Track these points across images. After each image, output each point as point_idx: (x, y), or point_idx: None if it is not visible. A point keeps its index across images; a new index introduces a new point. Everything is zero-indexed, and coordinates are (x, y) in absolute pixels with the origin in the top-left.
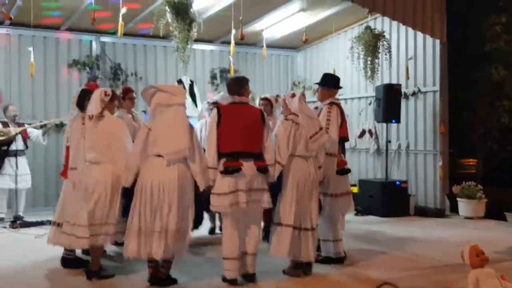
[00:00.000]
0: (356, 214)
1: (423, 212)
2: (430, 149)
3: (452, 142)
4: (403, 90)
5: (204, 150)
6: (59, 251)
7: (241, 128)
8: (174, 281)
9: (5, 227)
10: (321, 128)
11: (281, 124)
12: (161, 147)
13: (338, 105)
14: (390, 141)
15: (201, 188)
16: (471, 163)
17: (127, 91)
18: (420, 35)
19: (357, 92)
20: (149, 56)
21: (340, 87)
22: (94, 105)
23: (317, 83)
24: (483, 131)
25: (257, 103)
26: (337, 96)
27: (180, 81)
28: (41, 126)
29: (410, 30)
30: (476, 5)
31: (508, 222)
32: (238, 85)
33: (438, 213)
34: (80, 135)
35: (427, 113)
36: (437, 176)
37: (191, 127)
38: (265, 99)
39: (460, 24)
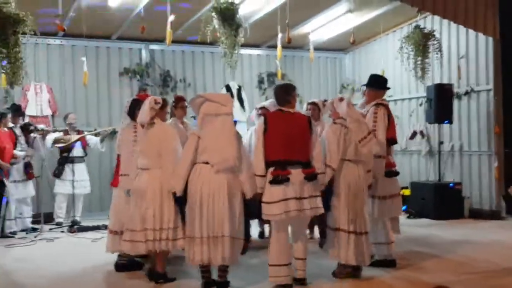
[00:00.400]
0: (408, 217)
1: (478, 214)
2: (484, 149)
3: (507, 142)
4: (455, 89)
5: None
6: (116, 255)
7: (288, 136)
8: (227, 285)
9: (63, 232)
10: (369, 133)
11: (330, 128)
12: (210, 156)
13: (385, 106)
14: (442, 142)
15: (248, 196)
16: None
17: (179, 100)
18: (471, 32)
19: (408, 93)
20: (197, 62)
21: (388, 88)
22: (145, 113)
23: (364, 85)
24: None
25: (304, 107)
26: (386, 97)
27: (228, 87)
28: (96, 135)
29: (461, 28)
30: None
31: None
32: (285, 93)
33: (493, 215)
34: (132, 143)
35: (480, 112)
36: (492, 177)
37: (239, 137)
38: (313, 103)
39: None
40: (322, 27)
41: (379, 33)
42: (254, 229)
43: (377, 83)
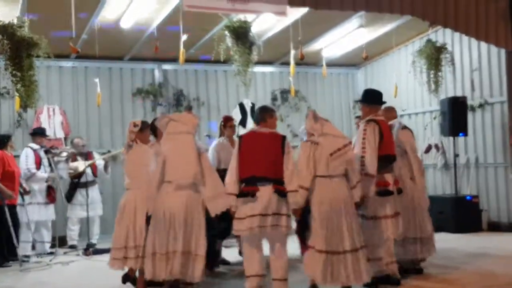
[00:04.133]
0: None
1: (496, 227)
2: (500, 161)
3: None
4: (469, 102)
5: None
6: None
7: (259, 154)
8: None
9: (78, 255)
10: (345, 146)
11: (300, 147)
12: (171, 174)
13: (378, 122)
14: (458, 155)
15: (212, 214)
16: None
17: (227, 120)
18: (484, 45)
19: (421, 107)
20: (211, 81)
21: (383, 103)
22: (127, 136)
23: (358, 100)
24: None
25: None
26: (400, 112)
27: (241, 105)
28: (113, 157)
29: (473, 40)
30: None
31: None
32: (263, 114)
33: None
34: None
35: (495, 124)
36: (509, 189)
37: (200, 153)
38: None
39: None
40: (334, 43)
41: (391, 47)
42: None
43: (371, 98)
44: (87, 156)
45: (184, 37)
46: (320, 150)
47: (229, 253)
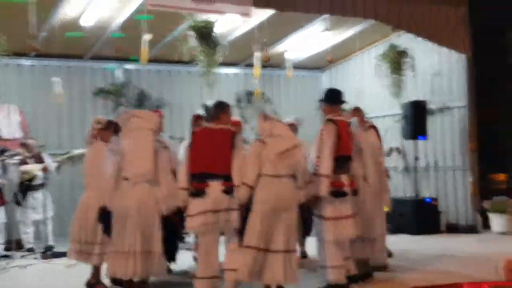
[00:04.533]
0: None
1: (454, 228)
2: (459, 165)
3: (481, 157)
4: (429, 106)
5: None
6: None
7: (209, 150)
8: None
9: (36, 258)
10: (294, 147)
11: (250, 146)
12: (128, 170)
13: (336, 122)
14: (418, 158)
15: (164, 213)
16: (501, 178)
17: (197, 118)
18: (445, 50)
19: (384, 110)
20: (174, 81)
21: (344, 102)
22: (89, 133)
23: (319, 100)
24: None
25: None
26: (367, 115)
27: (205, 106)
28: (69, 158)
29: (435, 46)
30: (500, 17)
31: None
32: (217, 110)
33: (470, 229)
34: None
35: (454, 129)
36: (467, 192)
37: (156, 152)
38: (291, 124)
39: (486, 37)
40: (299, 46)
41: (355, 51)
42: None
43: (332, 98)
44: (38, 158)
45: (147, 37)
46: (268, 150)
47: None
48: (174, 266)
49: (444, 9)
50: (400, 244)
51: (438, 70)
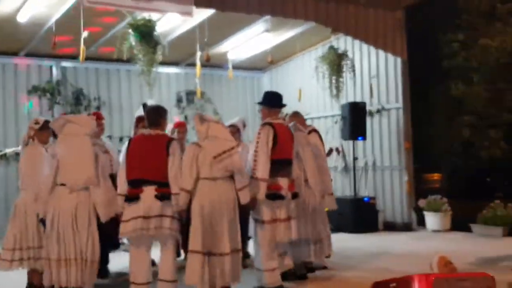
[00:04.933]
0: None
1: (391, 226)
2: (395, 164)
3: (416, 157)
4: (367, 108)
5: None
6: None
7: (144, 156)
8: None
9: None
10: (231, 149)
11: (186, 150)
12: (65, 177)
13: (273, 125)
14: (357, 158)
15: (102, 220)
16: (435, 178)
17: (139, 120)
18: (382, 53)
19: (324, 111)
20: (113, 80)
21: (283, 105)
22: (26, 132)
23: (258, 102)
24: (446, 146)
25: None
26: (305, 116)
27: (144, 105)
28: (1, 156)
29: (372, 49)
30: (434, 24)
31: (474, 234)
32: (155, 115)
33: (406, 227)
34: None
35: (391, 129)
36: (403, 191)
37: (96, 157)
38: (232, 126)
39: (420, 42)
40: (240, 46)
41: (296, 52)
42: None
43: (271, 101)
44: None
45: (84, 34)
46: (204, 153)
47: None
48: (112, 268)
49: (380, 13)
50: (339, 242)
51: (376, 72)
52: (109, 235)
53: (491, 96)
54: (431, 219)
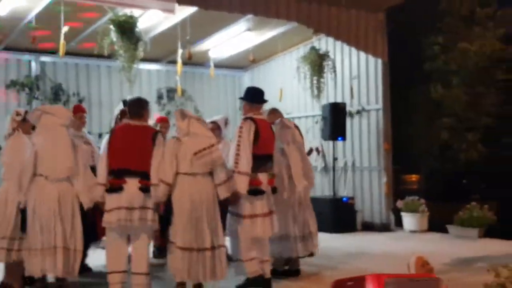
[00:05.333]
0: None
1: (369, 227)
2: (375, 165)
3: (395, 159)
4: (348, 108)
5: None
6: None
7: (128, 147)
8: None
9: None
10: (211, 145)
11: (167, 144)
12: (45, 168)
13: (255, 120)
14: (336, 159)
15: (85, 207)
16: (413, 179)
17: (123, 114)
18: (363, 55)
19: (304, 111)
20: (92, 76)
21: (265, 101)
22: (8, 124)
23: (240, 98)
24: (425, 148)
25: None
26: (286, 115)
27: (125, 102)
28: None
29: (354, 50)
30: (415, 26)
31: (450, 234)
32: (138, 107)
33: (384, 228)
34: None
35: (371, 130)
36: (382, 192)
37: (75, 147)
38: (213, 122)
39: (401, 44)
40: (222, 45)
41: (278, 52)
42: None
43: (252, 96)
44: None
45: (65, 29)
46: (184, 149)
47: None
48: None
49: (362, 15)
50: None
51: (357, 73)
52: (91, 226)
53: (470, 99)
54: (409, 220)
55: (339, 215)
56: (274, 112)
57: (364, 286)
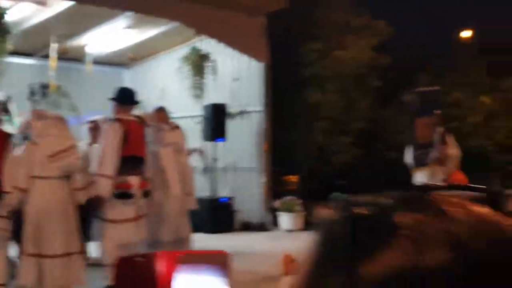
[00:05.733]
0: None
1: (247, 226)
2: (254, 166)
3: (277, 160)
4: (229, 109)
5: None
6: None
7: None
8: None
9: None
10: (70, 147)
11: (22, 147)
12: None
13: (123, 121)
14: (216, 159)
15: None
16: (292, 180)
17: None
18: (245, 57)
19: (186, 112)
20: None
21: (136, 102)
22: None
23: (111, 98)
24: (305, 150)
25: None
26: (173, 115)
27: None
28: None
29: (236, 52)
30: (295, 32)
31: None
32: None
33: (261, 227)
34: None
35: (252, 132)
36: (261, 192)
37: None
38: (92, 121)
39: (282, 48)
40: (100, 41)
41: (159, 51)
42: None
43: (123, 97)
44: None
45: None
46: (39, 151)
47: None
48: None
49: (243, 18)
50: (196, 243)
51: (238, 75)
52: None
53: (345, 104)
54: (285, 219)
55: (217, 215)
56: (160, 110)
57: (154, 262)
